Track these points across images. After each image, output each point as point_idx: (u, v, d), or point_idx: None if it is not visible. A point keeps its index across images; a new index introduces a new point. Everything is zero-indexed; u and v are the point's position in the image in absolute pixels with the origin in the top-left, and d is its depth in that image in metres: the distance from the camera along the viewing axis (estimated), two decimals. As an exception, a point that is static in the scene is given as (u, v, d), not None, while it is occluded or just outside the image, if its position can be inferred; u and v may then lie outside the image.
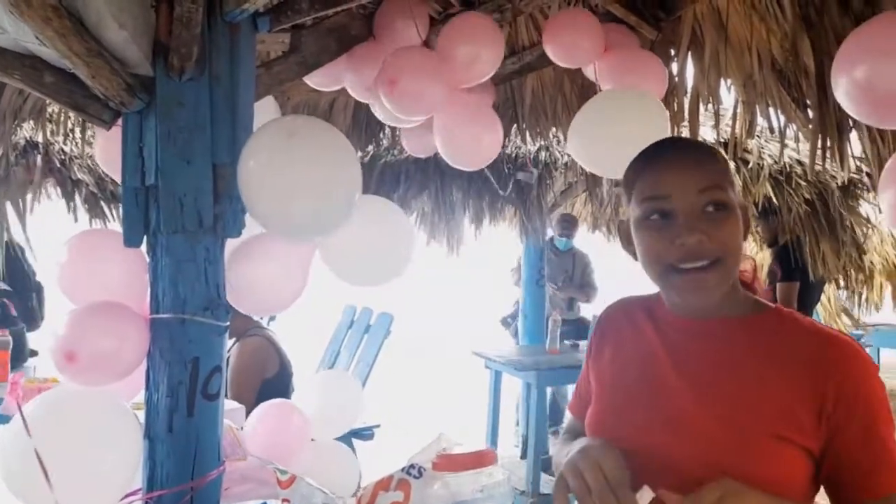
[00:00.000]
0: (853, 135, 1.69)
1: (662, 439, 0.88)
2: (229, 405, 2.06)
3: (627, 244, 0.98)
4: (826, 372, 0.82)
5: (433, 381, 6.87)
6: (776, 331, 0.88)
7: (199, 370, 1.27)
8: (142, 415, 1.30)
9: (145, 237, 1.30)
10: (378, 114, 2.10)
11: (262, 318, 4.07)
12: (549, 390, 4.64)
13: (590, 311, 4.80)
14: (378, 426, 3.27)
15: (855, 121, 1.65)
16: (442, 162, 3.73)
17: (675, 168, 0.88)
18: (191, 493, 1.25)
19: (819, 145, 1.55)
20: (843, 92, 1.09)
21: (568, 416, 1.19)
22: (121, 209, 1.36)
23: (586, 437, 0.95)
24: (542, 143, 3.53)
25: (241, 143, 1.33)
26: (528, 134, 2.68)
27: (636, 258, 0.96)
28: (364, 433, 3.14)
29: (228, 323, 1.32)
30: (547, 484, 3.54)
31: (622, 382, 0.99)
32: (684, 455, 0.85)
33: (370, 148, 3.30)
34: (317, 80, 1.89)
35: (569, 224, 4.64)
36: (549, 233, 4.99)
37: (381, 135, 2.83)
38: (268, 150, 1.26)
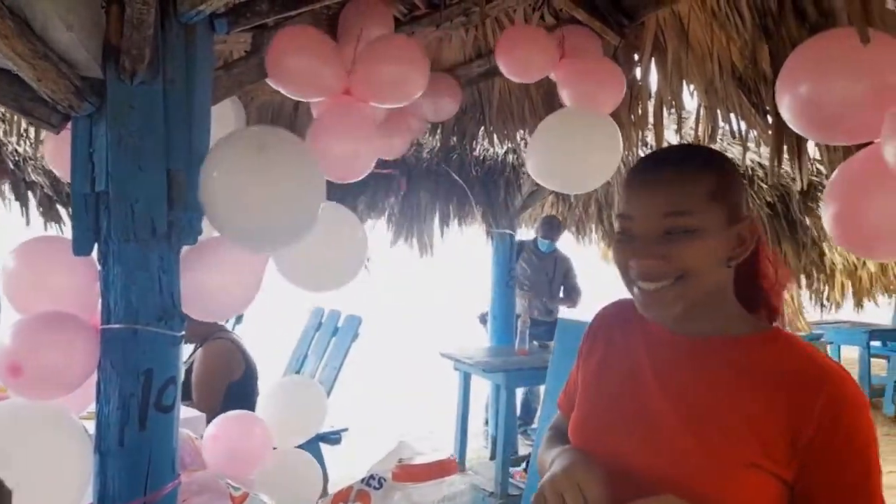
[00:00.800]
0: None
1: (640, 457, 0.87)
2: (189, 413, 2.02)
3: None
4: (808, 404, 0.79)
5: (403, 383, 6.85)
6: (768, 354, 0.86)
7: (152, 382, 1.24)
8: (92, 425, 1.26)
9: (96, 245, 1.26)
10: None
11: (227, 322, 4.01)
12: (521, 390, 4.65)
13: (563, 312, 4.81)
14: (346, 430, 3.25)
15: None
16: (409, 163, 3.73)
17: (644, 189, 0.87)
18: (144, 508, 1.22)
19: (778, 150, 1.57)
20: (786, 108, 1.10)
21: (557, 412, 1.17)
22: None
23: (571, 451, 0.93)
24: (510, 145, 3.54)
25: (197, 147, 1.30)
26: (495, 136, 2.68)
27: None
28: (331, 437, 3.12)
29: (183, 333, 1.29)
30: (515, 485, 3.55)
31: (606, 391, 0.97)
32: (659, 475, 0.84)
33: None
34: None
35: (551, 226, 4.61)
36: (532, 235, 4.99)
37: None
38: (235, 163, 1.24)
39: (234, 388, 2.64)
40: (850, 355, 6.76)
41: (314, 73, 1.67)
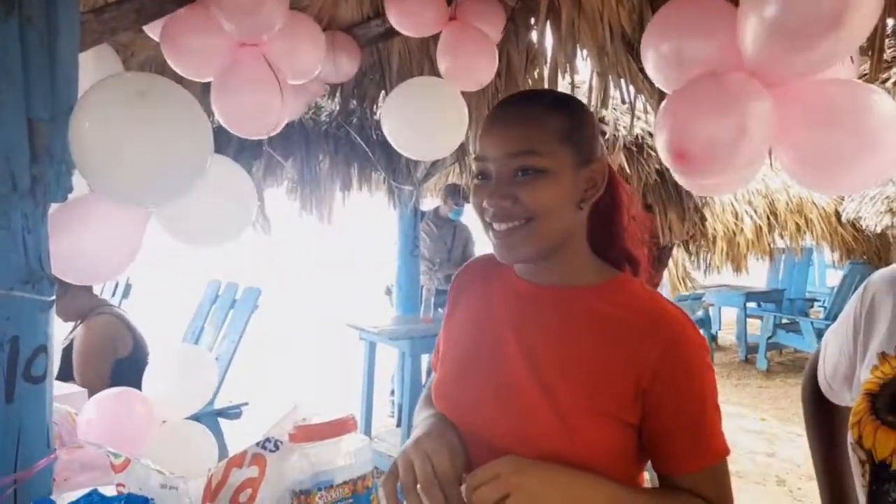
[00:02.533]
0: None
1: (491, 414, 0.88)
2: (70, 389, 1.89)
3: None
4: (648, 348, 0.82)
5: (308, 356, 6.75)
6: (613, 302, 0.87)
7: (19, 351, 1.13)
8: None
9: (-53, 202, 1.13)
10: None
11: (113, 296, 3.77)
12: (427, 357, 4.70)
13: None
14: (246, 404, 3.16)
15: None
16: (307, 127, 3.61)
17: (495, 130, 0.88)
18: (14, 486, 1.13)
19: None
20: (651, 65, 1.15)
21: (433, 374, 1.17)
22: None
23: (430, 419, 0.93)
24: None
25: (62, 95, 1.18)
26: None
27: None
28: (230, 412, 3.03)
29: (54, 297, 1.19)
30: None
31: (466, 347, 0.98)
32: (508, 430, 0.85)
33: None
34: (159, 32, 1.73)
35: (458, 193, 4.59)
36: (432, 204, 4.99)
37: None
38: (113, 111, 1.14)
39: (121, 365, 2.50)
40: (729, 316, 7.33)
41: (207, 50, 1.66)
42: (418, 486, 0.83)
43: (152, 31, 1.74)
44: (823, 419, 1.06)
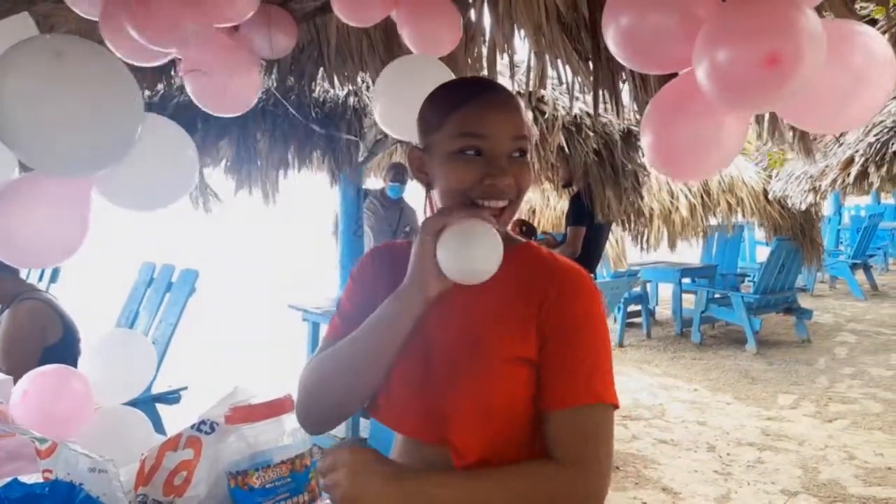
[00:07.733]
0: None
1: (420, 373, 0.94)
2: (-7, 377, 1.81)
3: (418, 172, 0.99)
4: (545, 292, 0.91)
5: (250, 338, 6.64)
6: (519, 262, 0.96)
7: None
8: None
9: None
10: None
11: (40, 280, 3.62)
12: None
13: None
14: (185, 388, 3.10)
15: (631, 73, 1.81)
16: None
17: (497, 111, 0.92)
18: (-68, 479, 1.08)
19: (596, 94, 1.67)
20: (611, 39, 1.17)
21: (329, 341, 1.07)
22: None
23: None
24: (351, 87, 3.44)
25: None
26: (335, 78, 2.60)
27: (428, 188, 0.98)
28: (168, 397, 2.96)
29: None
30: (366, 429, 3.62)
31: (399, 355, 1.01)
32: (437, 381, 0.92)
33: (160, 86, 2.98)
34: (84, 8, 1.64)
35: (399, 171, 4.58)
36: (377, 184, 4.95)
37: (173, 72, 2.56)
38: (29, 74, 1.07)
39: (52, 352, 2.41)
40: (665, 292, 7.59)
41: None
42: None
43: (73, 3, 1.65)
44: None
